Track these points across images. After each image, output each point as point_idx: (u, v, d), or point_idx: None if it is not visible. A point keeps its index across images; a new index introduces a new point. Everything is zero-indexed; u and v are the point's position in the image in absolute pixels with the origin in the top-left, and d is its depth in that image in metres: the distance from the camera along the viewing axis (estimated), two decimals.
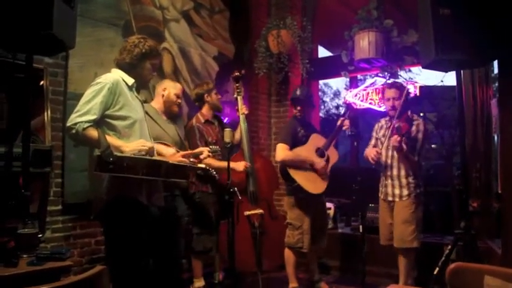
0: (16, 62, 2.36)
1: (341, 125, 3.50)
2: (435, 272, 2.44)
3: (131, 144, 2.25)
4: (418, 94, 4.61)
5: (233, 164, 3.37)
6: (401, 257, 3.34)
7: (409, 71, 4.48)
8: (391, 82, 3.87)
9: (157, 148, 2.73)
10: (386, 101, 3.51)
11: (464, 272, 1.72)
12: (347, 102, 4.98)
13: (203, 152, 2.94)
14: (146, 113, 2.67)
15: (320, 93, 12.71)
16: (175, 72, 4.09)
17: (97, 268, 1.49)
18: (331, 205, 4.61)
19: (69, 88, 3.18)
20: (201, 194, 3.42)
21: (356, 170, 3.51)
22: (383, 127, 3.58)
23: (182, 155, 2.75)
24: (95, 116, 2.20)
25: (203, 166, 2.78)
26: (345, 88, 12.18)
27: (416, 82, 4.50)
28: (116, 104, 2.30)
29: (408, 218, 3.28)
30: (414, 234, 3.26)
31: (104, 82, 2.27)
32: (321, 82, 11.27)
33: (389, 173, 3.42)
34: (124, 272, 2.26)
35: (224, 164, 2.99)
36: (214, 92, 3.61)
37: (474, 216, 3.55)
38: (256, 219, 3.50)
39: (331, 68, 5.05)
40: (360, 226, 3.31)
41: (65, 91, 3.18)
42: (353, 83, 5.35)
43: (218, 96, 3.66)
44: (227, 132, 2.88)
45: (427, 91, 5.26)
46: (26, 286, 1.43)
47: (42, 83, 3.03)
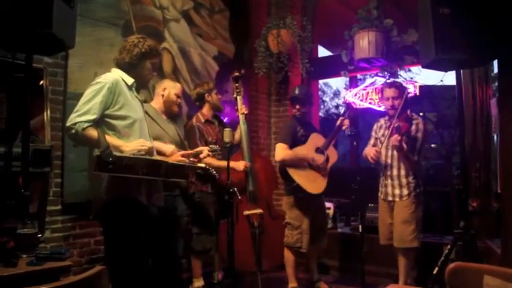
0: (16, 62, 2.36)
1: (340, 125, 3.49)
2: (434, 272, 2.44)
3: (131, 144, 2.25)
4: (418, 94, 4.60)
5: (233, 164, 3.37)
6: (401, 257, 3.34)
7: (409, 71, 4.48)
8: (390, 81, 3.87)
9: (156, 146, 2.73)
10: (385, 101, 3.51)
11: (463, 272, 1.72)
12: (347, 101, 4.98)
13: (203, 151, 2.94)
14: (146, 113, 2.68)
15: (320, 92, 12.71)
16: (175, 72, 4.09)
17: (96, 268, 1.49)
18: (330, 205, 4.61)
19: (68, 88, 3.18)
20: (201, 194, 3.42)
21: (355, 170, 3.51)
22: (382, 127, 3.58)
23: (181, 155, 2.75)
24: (95, 116, 2.20)
25: (203, 165, 2.78)
26: (345, 88, 12.20)
27: (416, 82, 4.49)
28: (116, 104, 2.30)
29: (408, 218, 3.28)
30: (414, 234, 3.26)
31: (104, 82, 2.27)
32: (321, 82, 11.29)
33: (389, 173, 3.42)
34: (123, 272, 2.26)
35: (224, 164, 2.99)
36: (214, 92, 3.62)
37: (474, 216, 3.54)
38: (255, 218, 3.50)
39: (331, 68, 5.04)
40: (360, 226, 3.30)
41: (65, 91, 3.18)
42: (353, 83, 5.34)
43: (219, 96, 3.67)
44: (227, 132, 2.88)
45: (427, 91, 5.26)
46: (26, 286, 1.43)
47: (41, 83, 3.03)
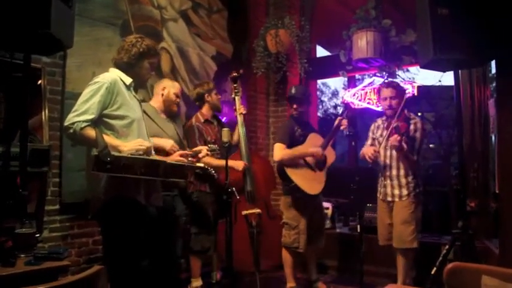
0: (14, 62, 2.36)
1: (339, 125, 3.49)
2: (433, 272, 2.44)
3: (129, 143, 2.25)
4: (416, 94, 4.61)
5: (233, 163, 3.38)
6: (400, 257, 3.34)
7: (407, 71, 4.49)
8: (388, 81, 3.87)
9: (155, 142, 2.72)
10: (382, 101, 3.50)
11: (461, 272, 1.72)
12: (345, 101, 4.98)
13: (202, 151, 2.94)
14: (144, 112, 2.67)
15: (318, 92, 12.70)
16: (173, 71, 4.08)
17: (95, 268, 1.49)
18: (329, 205, 4.62)
19: (67, 87, 3.17)
20: (199, 194, 3.42)
21: (354, 170, 3.50)
22: (380, 127, 3.57)
23: (180, 154, 2.74)
24: (93, 116, 2.20)
25: (202, 165, 2.78)
26: (343, 88, 12.19)
27: (414, 82, 4.50)
28: (114, 104, 2.30)
29: (408, 218, 3.28)
30: (414, 234, 3.25)
31: (102, 81, 2.27)
32: (319, 82, 11.30)
33: (388, 173, 3.42)
34: (122, 272, 2.25)
35: (223, 163, 2.98)
36: (214, 92, 3.63)
37: (472, 216, 3.55)
38: (253, 218, 3.50)
39: (329, 68, 5.05)
40: (358, 226, 3.31)
41: (63, 90, 3.17)
42: (351, 83, 5.35)
43: (218, 96, 3.68)
44: (225, 131, 2.88)
45: (425, 91, 5.28)
46: (24, 286, 1.42)
47: (40, 83, 3.02)
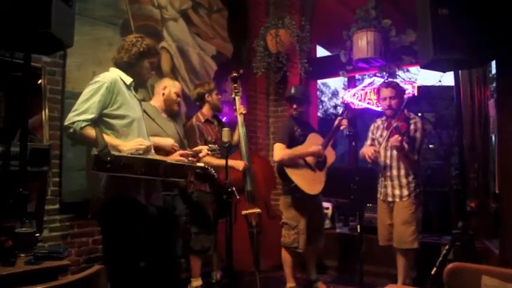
0: (14, 61, 2.36)
1: (339, 125, 3.49)
2: (433, 272, 2.44)
3: (129, 143, 2.25)
4: (416, 94, 4.61)
5: (233, 162, 3.38)
6: (400, 257, 3.33)
7: (407, 71, 4.48)
8: (387, 81, 3.87)
9: (155, 141, 2.72)
10: (382, 101, 3.49)
11: (461, 272, 1.72)
12: (345, 102, 4.98)
13: (202, 151, 2.94)
14: (144, 112, 2.67)
15: (318, 92, 12.70)
16: (173, 71, 4.08)
17: (95, 267, 1.49)
18: (329, 205, 4.61)
19: (67, 87, 3.17)
20: (199, 193, 3.42)
21: (354, 170, 3.50)
22: (379, 127, 3.56)
23: (180, 154, 2.74)
24: (93, 115, 2.20)
25: (202, 165, 2.78)
26: (343, 88, 12.19)
27: (414, 82, 4.50)
28: (114, 103, 2.30)
29: (408, 219, 3.27)
30: (414, 235, 3.25)
31: (102, 81, 2.27)
32: (319, 82, 11.28)
33: (388, 174, 3.41)
34: (122, 272, 2.25)
35: (223, 162, 2.97)
36: (215, 93, 3.63)
37: (472, 216, 3.54)
38: (253, 218, 3.50)
39: (329, 68, 5.04)
40: (358, 226, 3.30)
41: (63, 90, 3.17)
42: (351, 83, 5.35)
43: (219, 96, 3.69)
44: (225, 131, 2.88)
45: (425, 91, 5.27)
46: (24, 285, 1.42)
47: (40, 82, 3.02)
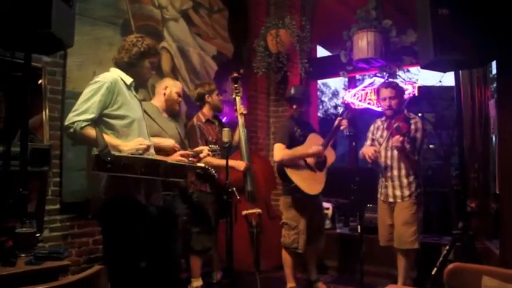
0: (14, 61, 2.36)
1: (338, 125, 3.48)
2: (433, 273, 2.44)
3: (129, 143, 2.25)
4: (417, 94, 4.60)
5: (234, 163, 3.38)
6: (401, 257, 3.33)
7: (408, 71, 4.47)
8: (387, 82, 3.86)
9: (156, 142, 2.72)
10: (382, 101, 3.48)
11: (462, 273, 1.72)
12: (345, 102, 4.97)
13: (203, 151, 2.93)
14: (145, 112, 2.67)
15: (318, 93, 12.70)
16: (173, 71, 4.08)
17: (95, 268, 1.49)
18: (329, 205, 4.61)
19: (67, 87, 3.17)
20: (200, 194, 3.42)
21: (354, 170, 3.50)
22: (379, 127, 3.56)
23: (181, 154, 2.74)
24: (93, 115, 2.20)
25: (202, 165, 2.77)
26: (344, 88, 12.21)
27: (414, 82, 4.49)
28: (114, 103, 2.30)
29: (409, 219, 3.26)
30: (415, 235, 3.24)
31: (103, 81, 2.27)
32: (320, 82, 11.28)
33: (389, 174, 3.40)
34: (122, 272, 2.25)
35: (224, 162, 2.97)
36: (215, 93, 3.63)
37: (472, 216, 3.54)
38: (253, 218, 3.50)
39: (329, 68, 5.05)
40: (358, 226, 3.30)
41: (63, 90, 3.17)
42: (351, 83, 5.35)
43: (219, 97, 3.68)
44: (225, 131, 2.87)
45: (426, 91, 5.26)
46: (24, 285, 1.42)
47: (40, 82, 3.02)
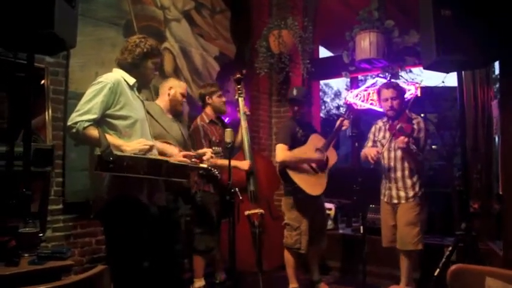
0: (17, 61, 2.37)
1: (340, 125, 3.47)
2: (436, 274, 2.43)
3: (132, 143, 2.25)
4: (419, 95, 4.59)
5: (238, 162, 3.38)
6: (403, 258, 3.33)
7: (410, 72, 4.46)
8: (387, 82, 3.85)
9: (162, 147, 2.73)
10: (383, 102, 3.45)
11: (465, 274, 1.71)
12: (348, 102, 4.96)
13: (206, 153, 2.93)
14: (148, 112, 2.68)
15: (321, 93, 12.68)
16: (176, 71, 4.08)
17: (98, 268, 1.49)
18: (331, 206, 4.60)
19: (70, 87, 3.18)
20: (203, 194, 3.42)
21: (357, 171, 3.49)
22: (381, 129, 3.55)
23: (184, 155, 2.74)
24: (96, 115, 2.21)
25: (205, 166, 2.77)
26: (346, 88, 12.18)
27: (417, 83, 4.48)
28: (117, 104, 2.31)
29: (413, 220, 3.26)
30: (419, 236, 3.24)
31: (105, 82, 2.28)
32: (322, 82, 11.27)
33: (392, 175, 3.38)
34: (125, 272, 2.25)
35: (227, 162, 2.97)
36: (216, 95, 3.59)
37: (475, 217, 3.53)
38: (256, 218, 3.50)
39: (332, 69, 5.05)
40: (361, 227, 3.29)
41: (66, 90, 3.18)
42: (354, 84, 5.34)
43: (221, 98, 3.62)
44: (228, 132, 2.87)
45: (428, 92, 5.25)
46: (27, 285, 1.42)
47: (43, 82, 3.03)
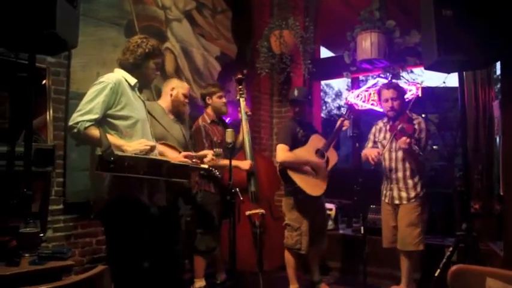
0: (18, 61, 2.36)
1: (341, 126, 3.47)
2: (436, 274, 2.43)
3: (133, 143, 2.26)
4: (420, 95, 4.59)
5: (239, 162, 3.39)
6: (404, 259, 3.32)
7: (411, 72, 4.45)
8: (388, 83, 3.84)
9: (162, 150, 2.73)
10: (384, 102, 3.44)
11: (465, 274, 1.71)
12: (349, 103, 4.96)
13: (207, 156, 2.93)
14: (149, 113, 2.68)
15: (322, 93, 12.68)
16: (177, 72, 4.09)
17: (99, 268, 1.49)
18: (332, 206, 4.60)
19: (71, 87, 3.19)
20: (204, 194, 3.43)
21: (357, 171, 3.49)
22: (382, 129, 3.54)
23: (185, 156, 2.75)
24: (97, 116, 2.21)
25: (206, 166, 2.77)
26: (347, 89, 12.17)
27: (418, 83, 4.47)
28: (118, 104, 2.31)
29: (414, 221, 3.25)
30: (420, 237, 3.23)
31: (107, 82, 2.28)
32: (323, 83, 11.28)
33: (394, 176, 3.38)
34: (125, 272, 2.26)
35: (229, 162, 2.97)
36: (216, 96, 3.58)
37: (476, 218, 3.53)
38: (257, 218, 3.50)
39: (333, 69, 5.04)
40: (362, 227, 3.29)
41: (67, 90, 3.18)
42: (355, 84, 5.33)
43: (222, 100, 3.60)
44: (229, 132, 2.87)
45: (429, 92, 5.24)
46: (28, 285, 1.43)
47: (44, 82, 3.03)
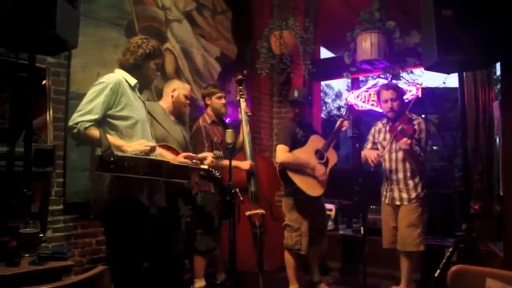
0: (19, 62, 2.36)
1: (340, 126, 3.47)
2: (436, 275, 2.43)
3: (133, 144, 2.26)
4: (420, 96, 4.59)
5: (239, 163, 3.39)
6: (404, 259, 3.32)
7: (411, 73, 4.45)
8: (387, 83, 3.84)
9: (162, 153, 2.72)
10: (383, 103, 3.44)
11: (465, 275, 1.71)
12: (349, 103, 4.96)
13: (207, 158, 2.93)
14: (150, 114, 2.68)
15: (322, 94, 12.68)
16: (177, 72, 4.09)
17: (99, 268, 1.49)
18: (332, 206, 4.60)
19: (71, 88, 3.19)
20: (204, 194, 3.42)
21: (357, 172, 3.49)
22: (381, 130, 3.53)
23: (184, 156, 2.75)
24: (97, 116, 2.21)
25: (205, 167, 2.77)
26: (347, 89, 12.18)
27: (418, 84, 4.47)
28: (118, 104, 2.31)
29: (415, 222, 3.25)
30: (420, 237, 3.23)
31: (107, 82, 2.28)
32: (323, 83, 11.28)
33: (394, 177, 3.37)
34: (125, 272, 2.26)
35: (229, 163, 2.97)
36: (216, 96, 3.58)
37: (476, 218, 3.53)
38: (257, 219, 3.50)
39: (333, 69, 5.04)
40: (361, 228, 3.29)
41: (67, 91, 3.18)
42: (355, 85, 5.33)
43: (221, 101, 3.59)
44: (229, 133, 2.87)
45: (429, 93, 5.24)
46: (28, 285, 1.43)
47: (44, 83, 3.03)
